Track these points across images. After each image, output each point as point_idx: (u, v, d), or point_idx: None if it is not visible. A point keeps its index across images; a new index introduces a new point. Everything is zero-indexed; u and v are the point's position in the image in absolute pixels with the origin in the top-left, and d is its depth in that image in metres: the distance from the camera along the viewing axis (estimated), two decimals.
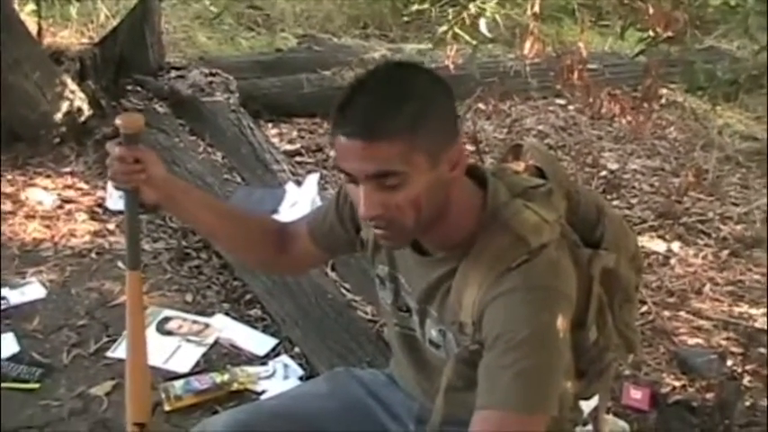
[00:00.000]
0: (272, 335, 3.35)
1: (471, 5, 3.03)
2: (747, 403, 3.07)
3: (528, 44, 3.55)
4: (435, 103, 1.57)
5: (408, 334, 1.85)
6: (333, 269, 3.65)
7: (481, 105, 4.95)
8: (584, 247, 1.71)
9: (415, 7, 3.33)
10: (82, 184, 4.50)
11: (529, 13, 3.34)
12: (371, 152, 1.50)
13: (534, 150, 1.86)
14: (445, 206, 1.60)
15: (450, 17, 3.10)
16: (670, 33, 3.06)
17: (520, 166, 1.83)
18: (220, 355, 3.24)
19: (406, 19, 6.50)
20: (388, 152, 1.50)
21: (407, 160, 1.52)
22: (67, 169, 4.63)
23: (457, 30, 3.09)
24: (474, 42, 3.13)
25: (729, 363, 3.30)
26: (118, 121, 1.84)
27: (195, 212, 1.97)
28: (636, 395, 3.05)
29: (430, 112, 1.54)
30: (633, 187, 4.91)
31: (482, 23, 3.04)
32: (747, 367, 3.23)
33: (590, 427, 1.97)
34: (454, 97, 1.62)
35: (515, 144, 1.89)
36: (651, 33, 3.11)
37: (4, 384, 3.00)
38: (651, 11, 3.11)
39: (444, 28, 3.12)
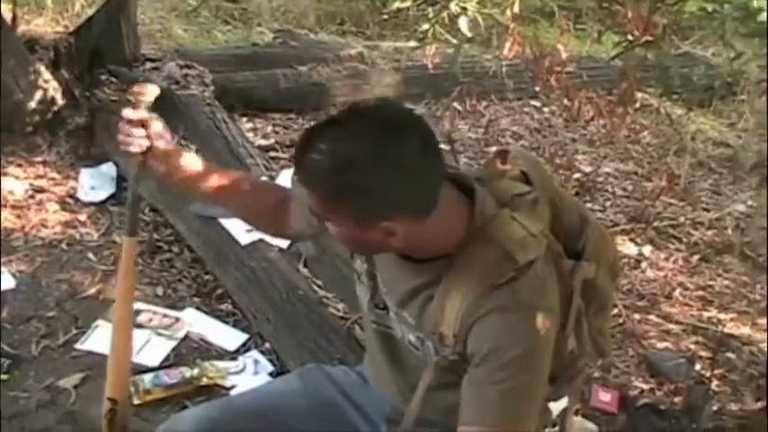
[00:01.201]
0: (243, 330, 3.34)
1: (452, 4, 3.02)
2: (715, 407, 3.10)
3: (507, 45, 3.56)
4: (382, 181, 1.53)
5: (385, 331, 1.85)
6: (305, 265, 3.64)
7: (457, 105, 4.96)
8: (567, 258, 1.72)
9: (395, 5, 3.32)
10: (54, 174, 4.46)
11: (508, 14, 3.33)
12: (306, 192, 1.62)
13: (521, 156, 1.86)
14: (403, 245, 1.63)
15: (431, 16, 3.09)
16: (648, 38, 3.07)
17: (506, 170, 1.82)
18: (190, 350, 3.23)
19: (385, 17, 6.49)
20: (314, 199, 1.59)
21: (330, 212, 1.60)
22: (39, 159, 4.59)
23: (438, 28, 3.08)
24: (455, 41, 3.12)
25: (698, 367, 3.33)
26: (133, 88, 1.93)
27: (200, 184, 2.00)
28: (605, 397, 3.07)
29: (361, 192, 1.54)
30: (606, 190, 4.93)
31: (462, 22, 3.03)
32: (715, 372, 3.26)
33: (558, 428, 1.98)
34: (427, 171, 1.57)
35: (502, 149, 1.89)
36: (629, 37, 3.12)
37: None
38: (629, 15, 3.12)
39: (426, 26, 3.11)
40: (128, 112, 1.88)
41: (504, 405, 1.55)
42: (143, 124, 1.88)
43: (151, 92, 1.93)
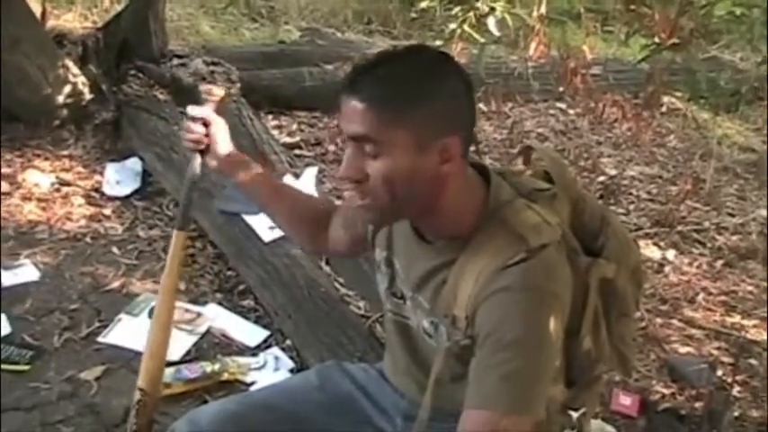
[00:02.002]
0: (264, 326, 3.35)
1: (481, 3, 3.02)
2: (736, 413, 3.08)
3: (533, 45, 3.55)
4: (441, 92, 1.57)
5: (402, 321, 1.85)
6: (327, 263, 3.64)
7: (482, 106, 4.96)
8: (584, 255, 1.71)
9: (423, 4, 3.33)
10: (80, 168, 4.49)
11: (535, 14, 3.33)
12: (360, 114, 1.55)
13: (544, 154, 1.86)
14: (435, 198, 1.61)
15: (459, 15, 3.09)
16: (675, 40, 3.06)
17: (528, 168, 1.83)
18: (211, 345, 3.24)
19: (413, 15, 6.49)
20: (374, 119, 1.54)
21: (390, 134, 1.54)
22: (66, 152, 4.62)
23: (466, 28, 3.08)
24: (482, 41, 3.12)
25: (719, 373, 3.30)
26: (202, 88, 2.06)
27: (253, 188, 2.08)
28: (625, 401, 3.06)
29: (430, 98, 1.56)
30: (630, 194, 4.92)
31: (491, 22, 3.03)
32: (737, 378, 3.24)
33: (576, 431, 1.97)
34: (472, 96, 1.64)
35: (526, 146, 1.90)
36: (656, 40, 3.11)
37: None
38: (656, 17, 3.11)
39: (453, 26, 3.11)
40: (192, 109, 1.98)
41: (506, 389, 1.51)
42: (205, 123, 1.98)
43: (219, 93, 2.04)
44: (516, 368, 1.52)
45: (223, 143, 2.01)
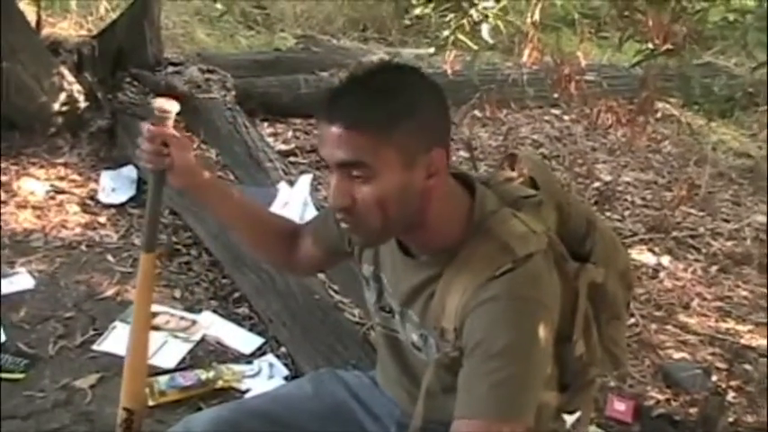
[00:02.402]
0: (259, 334, 3.35)
1: (474, 11, 3.03)
2: (731, 419, 3.08)
3: (527, 52, 3.56)
4: (420, 106, 1.57)
5: (391, 335, 1.86)
6: (323, 270, 3.64)
7: (477, 112, 4.96)
8: (572, 261, 1.71)
9: (417, 11, 3.33)
10: (75, 176, 4.50)
11: (528, 21, 3.34)
12: (344, 140, 1.53)
13: (528, 160, 1.86)
14: (421, 214, 1.61)
15: (452, 22, 3.10)
16: (669, 46, 3.07)
17: (513, 175, 1.83)
18: (206, 352, 3.24)
19: (407, 23, 6.50)
20: (360, 142, 1.53)
21: (378, 154, 1.53)
22: (61, 160, 4.63)
23: (459, 35, 3.09)
24: (475, 48, 3.13)
25: (714, 378, 3.31)
26: (154, 104, 1.88)
27: (216, 206, 2.00)
28: (620, 407, 3.06)
29: (412, 113, 1.55)
30: (625, 200, 4.93)
31: (484, 29, 3.04)
32: (732, 383, 3.25)
33: None
34: (447, 106, 1.64)
35: (510, 153, 1.90)
36: (650, 45, 3.12)
37: None
38: (650, 23, 3.12)
39: (447, 33, 3.12)
40: (151, 130, 1.86)
41: (495, 398, 1.51)
42: (164, 142, 1.86)
43: (171, 105, 1.88)
44: (505, 376, 1.52)
45: (186, 162, 1.89)
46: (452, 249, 1.63)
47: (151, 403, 2.86)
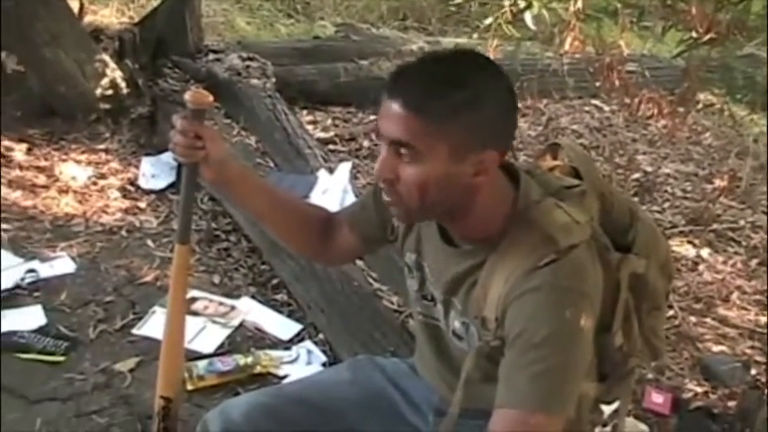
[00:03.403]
0: (297, 320, 3.36)
1: None
2: None
3: (568, 41, 3.55)
4: (484, 103, 1.56)
5: (432, 323, 1.86)
6: (360, 257, 3.65)
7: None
8: (614, 251, 1.70)
9: (457, 0, 3.33)
10: (116, 162, 4.53)
11: (571, 9, 3.32)
12: (401, 119, 1.54)
13: (571, 151, 1.85)
14: (464, 205, 1.61)
15: (495, 10, 3.09)
16: (712, 35, 3.04)
17: (556, 165, 1.83)
18: (245, 338, 3.26)
19: (452, 9, 6.47)
20: (414, 126, 1.53)
21: (429, 142, 1.54)
22: (102, 146, 4.67)
23: (503, 23, 3.08)
24: (518, 36, 3.12)
25: (753, 372, 3.28)
26: (186, 96, 1.84)
27: (248, 198, 1.98)
28: (657, 399, 3.04)
29: (473, 109, 1.54)
30: (665, 191, 4.89)
31: (528, 17, 3.02)
32: None
33: (609, 428, 1.96)
34: (515, 108, 1.65)
35: (553, 143, 1.89)
36: (692, 35, 3.09)
37: (29, 356, 3.04)
38: (693, 12, 3.09)
39: (490, 20, 3.11)
40: (183, 123, 1.83)
41: (536, 388, 1.52)
42: (198, 135, 1.83)
43: (204, 98, 1.86)
44: (547, 367, 1.52)
45: (220, 155, 1.86)
46: (495, 239, 1.63)
47: (189, 388, 2.88)
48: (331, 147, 4.93)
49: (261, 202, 1.98)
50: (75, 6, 5.25)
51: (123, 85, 4.83)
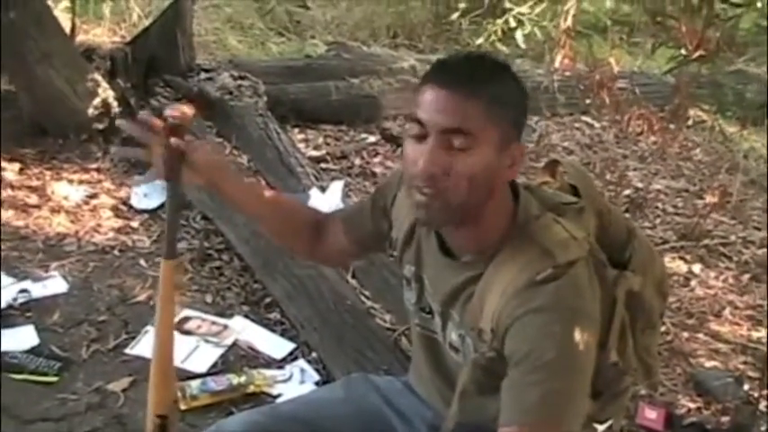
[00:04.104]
0: (291, 339, 3.36)
1: (510, 17, 3.04)
2: (763, 428, 3.06)
3: (558, 58, 3.57)
4: (517, 97, 1.64)
5: (429, 336, 1.87)
6: (353, 276, 3.65)
7: None
8: (611, 268, 1.71)
9: (453, 16, 3.35)
10: (108, 182, 4.53)
11: (561, 27, 3.34)
12: (458, 107, 1.56)
13: (570, 168, 1.87)
14: (487, 200, 1.62)
15: (486, 29, 3.11)
16: (701, 53, 3.06)
17: (554, 182, 1.84)
18: (238, 357, 3.25)
19: (443, 27, 6.48)
20: (471, 111, 1.56)
21: (484, 127, 1.56)
22: (94, 165, 4.67)
23: (495, 40, 3.09)
24: (509, 53, 3.14)
25: (746, 387, 3.28)
26: (167, 112, 1.81)
27: (238, 199, 1.98)
28: (651, 415, 3.04)
29: (512, 100, 1.61)
30: (656, 207, 4.90)
31: (518, 35, 3.04)
32: (764, 392, 3.22)
33: None
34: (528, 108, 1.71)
35: (552, 160, 1.91)
36: (682, 52, 3.11)
37: (22, 376, 3.03)
38: (683, 29, 3.11)
39: (481, 39, 3.13)
40: (163, 141, 1.78)
41: (544, 406, 1.52)
42: (178, 150, 1.79)
43: (185, 113, 1.81)
44: (555, 387, 1.53)
45: (201, 159, 1.84)
46: (494, 251, 1.64)
47: (183, 407, 2.86)
48: (323, 165, 4.93)
49: (250, 202, 2.00)
50: (66, 26, 5.26)
51: (115, 104, 4.83)
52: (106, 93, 4.81)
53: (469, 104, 1.55)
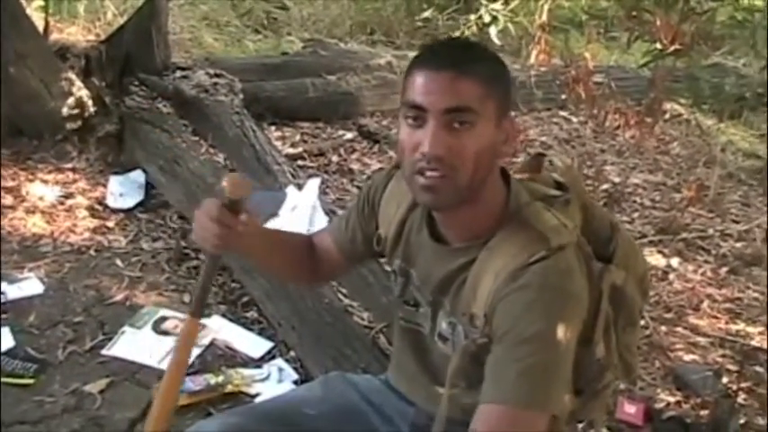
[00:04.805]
0: (268, 338, 3.34)
1: (485, 13, 3.03)
2: (742, 421, 3.06)
3: (534, 54, 3.57)
4: (503, 72, 1.68)
5: (414, 329, 1.87)
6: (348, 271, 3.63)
7: None
8: (596, 261, 1.72)
9: (425, 14, 3.34)
10: (83, 181, 4.50)
11: (537, 23, 3.34)
12: (456, 85, 1.59)
13: (557, 162, 1.88)
14: (488, 179, 1.65)
15: (462, 24, 3.10)
16: (677, 46, 3.06)
17: (539, 175, 1.85)
18: (216, 357, 3.23)
19: (420, 23, 6.48)
20: (471, 89, 1.59)
21: (483, 103, 1.60)
22: (69, 165, 4.63)
23: (469, 37, 3.09)
24: None
25: (725, 380, 3.29)
26: (224, 184, 1.75)
27: (259, 258, 2.06)
28: (630, 410, 3.04)
29: (502, 76, 1.67)
30: (634, 201, 4.92)
31: (492, 31, 3.04)
32: (742, 385, 3.23)
33: None
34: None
35: (538, 153, 1.93)
36: (658, 46, 3.11)
37: None
38: (658, 23, 3.11)
39: (456, 35, 3.12)
40: (214, 212, 1.74)
41: (524, 384, 1.52)
42: (229, 225, 1.75)
43: (244, 187, 1.76)
44: (535, 363, 1.54)
45: (246, 248, 1.91)
46: (486, 236, 1.66)
47: None
48: (300, 162, 4.92)
49: (269, 257, 2.04)
50: (40, 25, 5.22)
51: (90, 103, 4.80)
52: (81, 92, 4.77)
53: (466, 82, 1.58)
